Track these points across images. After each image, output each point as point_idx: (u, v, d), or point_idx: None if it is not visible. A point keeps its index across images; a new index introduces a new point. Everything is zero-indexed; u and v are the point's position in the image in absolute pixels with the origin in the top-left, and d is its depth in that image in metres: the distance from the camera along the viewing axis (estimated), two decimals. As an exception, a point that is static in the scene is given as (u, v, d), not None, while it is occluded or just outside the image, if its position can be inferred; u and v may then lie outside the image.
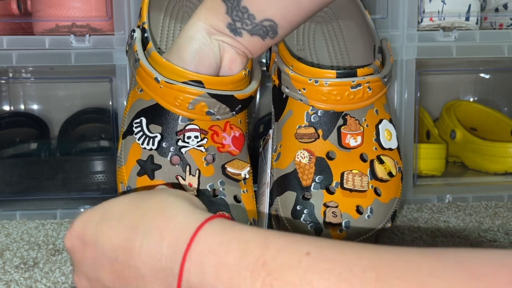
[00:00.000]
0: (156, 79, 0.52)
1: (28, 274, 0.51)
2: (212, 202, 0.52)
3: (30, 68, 0.82)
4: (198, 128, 0.53)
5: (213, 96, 0.52)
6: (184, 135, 0.53)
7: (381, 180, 0.55)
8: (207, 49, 0.52)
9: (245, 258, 0.28)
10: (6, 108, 0.93)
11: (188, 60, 0.52)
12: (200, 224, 0.31)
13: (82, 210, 0.68)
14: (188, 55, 0.52)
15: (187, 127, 0.53)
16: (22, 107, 0.93)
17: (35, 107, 0.93)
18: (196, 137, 0.54)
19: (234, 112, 0.55)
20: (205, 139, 0.54)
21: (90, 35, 0.66)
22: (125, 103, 0.67)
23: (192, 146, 0.54)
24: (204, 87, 0.52)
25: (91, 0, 0.67)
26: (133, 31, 0.57)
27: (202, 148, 0.54)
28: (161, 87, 0.52)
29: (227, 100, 0.53)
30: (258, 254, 0.28)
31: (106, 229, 0.34)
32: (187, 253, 0.30)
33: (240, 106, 0.55)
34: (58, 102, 0.93)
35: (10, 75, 0.87)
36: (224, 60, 0.54)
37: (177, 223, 0.32)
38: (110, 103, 0.77)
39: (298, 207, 0.53)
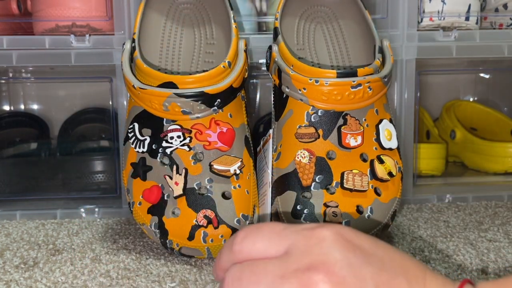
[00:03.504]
0: (133, 86, 0.54)
1: (28, 274, 0.51)
2: (197, 200, 0.53)
3: (30, 68, 0.82)
4: (180, 128, 0.54)
5: (181, 95, 0.53)
6: (167, 136, 0.54)
7: (381, 180, 0.55)
8: None
9: None
10: (6, 108, 0.93)
11: None
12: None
13: (82, 210, 0.68)
14: None
15: (169, 128, 0.54)
16: (22, 107, 0.93)
17: (35, 107, 0.93)
18: (178, 137, 0.54)
19: (215, 108, 0.55)
20: (189, 138, 0.54)
21: (90, 35, 0.66)
22: (125, 103, 0.67)
23: (176, 146, 0.54)
24: (177, 88, 0.53)
25: (91, 0, 0.67)
26: (124, 43, 0.60)
27: (186, 148, 0.54)
28: (138, 93, 0.54)
29: (199, 97, 0.53)
30: None
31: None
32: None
33: (219, 100, 0.54)
34: (58, 102, 0.93)
35: (10, 75, 0.87)
36: None
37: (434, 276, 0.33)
38: (110, 103, 0.77)
39: (298, 207, 0.53)
